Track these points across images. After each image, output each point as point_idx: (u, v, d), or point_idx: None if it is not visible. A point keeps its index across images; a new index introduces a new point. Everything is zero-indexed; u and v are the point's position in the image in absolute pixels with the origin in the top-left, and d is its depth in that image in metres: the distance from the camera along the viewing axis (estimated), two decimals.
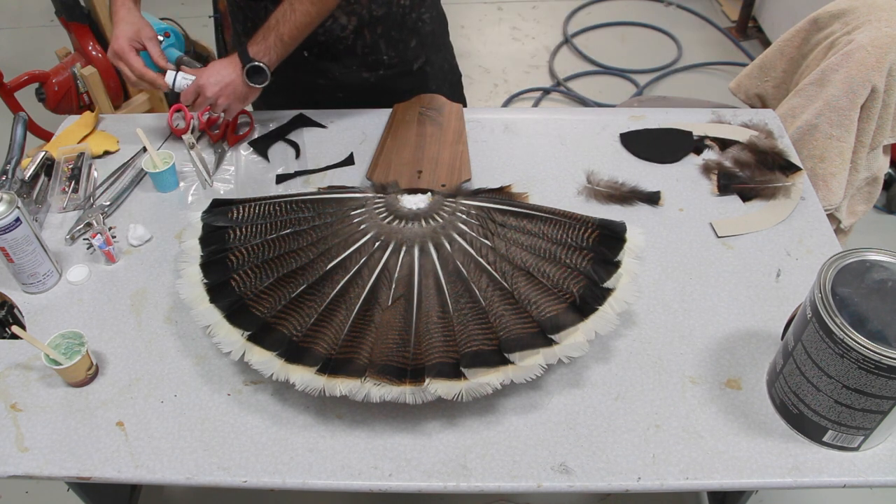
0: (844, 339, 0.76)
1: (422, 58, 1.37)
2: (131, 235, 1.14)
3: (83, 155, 1.27)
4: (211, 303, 0.94)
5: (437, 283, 0.96)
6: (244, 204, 1.06)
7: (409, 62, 1.36)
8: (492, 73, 2.89)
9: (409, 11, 1.31)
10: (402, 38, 1.33)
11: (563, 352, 0.87)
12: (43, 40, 3.09)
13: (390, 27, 1.30)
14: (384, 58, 1.33)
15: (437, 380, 0.85)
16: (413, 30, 1.33)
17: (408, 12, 1.31)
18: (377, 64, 1.34)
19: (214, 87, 1.17)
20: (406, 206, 1.07)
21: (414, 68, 1.37)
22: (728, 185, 1.21)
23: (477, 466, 0.87)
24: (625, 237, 0.99)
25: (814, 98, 1.43)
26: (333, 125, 1.36)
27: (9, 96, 2.17)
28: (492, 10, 3.25)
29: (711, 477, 0.85)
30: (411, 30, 1.33)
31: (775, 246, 1.12)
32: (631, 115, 1.36)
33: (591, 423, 0.90)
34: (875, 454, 0.87)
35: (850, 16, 1.45)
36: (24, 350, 0.99)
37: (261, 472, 0.87)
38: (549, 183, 1.23)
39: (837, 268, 0.82)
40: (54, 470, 0.87)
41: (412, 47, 1.35)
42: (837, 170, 1.42)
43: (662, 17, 3.14)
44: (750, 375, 0.95)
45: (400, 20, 1.31)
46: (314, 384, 0.86)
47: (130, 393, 0.95)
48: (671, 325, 1.01)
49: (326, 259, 0.98)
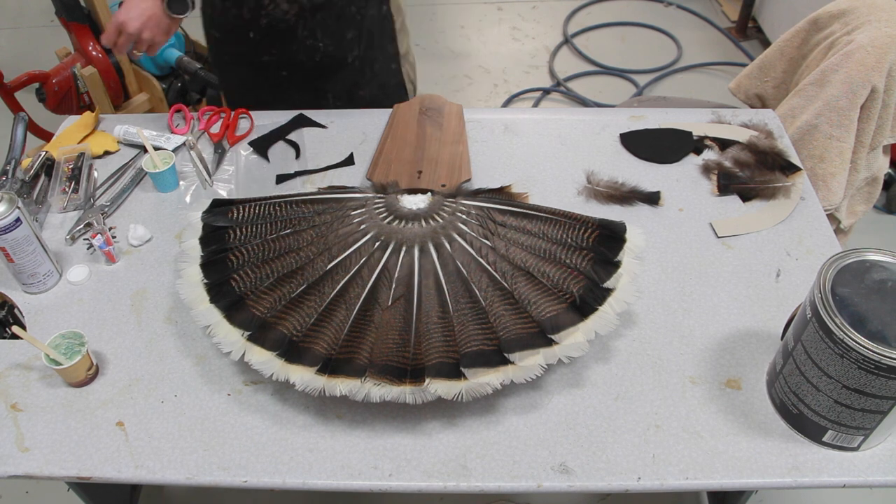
0: (844, 339, 0.76)
1: (356, 51, 1.39)
2: (131, 235, 1.14)
3: (83, 155, 1.27)
4: (211, 303, 0.94)
5: (437, 283, 0.96)
6: (244, 204, 1.06)
7: (344, 53, 1.39)
8: (492, 73, 2.89)
9: (349, 3, 1.34)
10: (338, 28, 1.35)
11: (563, 352, 0.87)
12: (43, 40, 3.09)
13: (327, 16, 1.33)
14: (320, 45, 1.36)
15: (437, 380, 0.85)
16: (351, 22, 1.36)
17: (347, 4, 1.34)
18: (313, 50, 1.37)
19: (136, 21, 1.15)
20: (406, 207, 1.07)
21: (349, 60, 1.40)
22: (728, 185, 1.21)
23: (477, 466, 0.87)
24: (625, 237, 0.99)
25: (814, 98, 1.43)
26: (333, 125, 1.36)
27: (9, 96, 2.17)
28: (492, 10, 3.25)
29: (711, 477, 0.85)
30: (349, 22, 1.35)
31: (775, 246, 1.12)
32: (631, 115, 1.36)
33: (591, 423, 0.90)
34: (875, 454, 0.87)
35: (849, 16, 1.45)
36: (25, 350, 0.99)
37: (261, 472, 0.87)
38: (549, 183, 1.23)
39: (837, 268, 0.82)
40: (54, 470, 0.87)
41: (347, 39, 1.37)
42: (837, 170, 1.42)
43: (662, 18, 3.14)
44: (750, 375, 0.95)
45: (339, 11, 1.33)
46: (314, 384, 0.86)
47: (130, 393, 0.95)
48: (671, 325, 1.01)
49: (326, 259, 0.98)
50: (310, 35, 1.34)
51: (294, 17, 1.32)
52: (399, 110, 1.34)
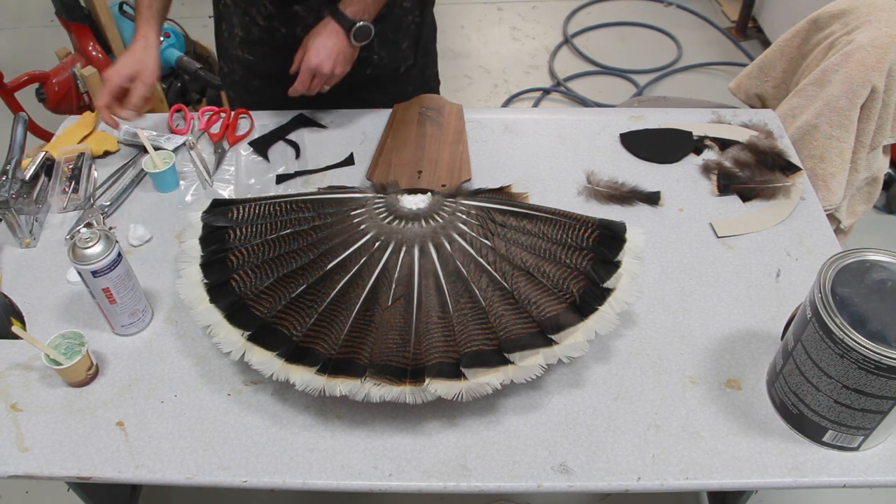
0: (844, 339, 0.76)
1: (409, 60, 1.37)
2: (131, 235, 1.14)
3: (83, 155, 1.28)
4: (211, 303, 0.94)
5: (437, 283, 0.96)
6: (244, 204, 1.06)
7: (398, 64, 1.36)
8: (492, 73, 2.89)
9: (407, 13, 1.31)
10: (396, 38, 1.33)
11: (563, 352, 0.87)
12: (43, 40, 3.09)
13: (387, 27, 1.30)
14: (374, 57, 1.32)
15: (437, 380, 0.85)
16: (407, 32, 1.34)
17: (406, 14, 1.31)
18: (367, 62, 1.32)
19: (328, 60, 1.14)
20: (406, 207, 1.07)
21: (401, 70, 1.37)
22: (728, 185, 1.21)
23: (477, 466, 0.87)
24: (625, 237, 0.99)
25: (814, 98, 1.43)
26: (333, 125, 1.36)
27: (9, 96, 2.17)
28: (492, 10, 3.25)
29: (711, 477, 0.85)
30: (406, 32, 1.33)
31: (775, 246, 1.12)
32: (631, 115, 1.36)
33: (591, 423, 0.90)
34: (875, 454, 0.87)
35: (850, 16, 1.45)
36: (25, 350, 0.99)
37: (261, 472, 0.87)
38: (549, 183, 1.23)
39: (837, 268, 0.82)
40: (54, 470, 0.87)
41: (403, 49, 1.35)
42: (837, 170, 1.42)
43: (662, 17, 3.14)
44: (750, 375, 0.95)
45: (397, 21, 1.31)
46: (314, 384, 0.86)
47: (130, 393, 0.95)
48: (671, 325, 1.01)
49: (326, 259, 0.98)
50: (364, 47, 1.26)
51: None
52: (399, 110, 1.34)
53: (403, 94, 1.39)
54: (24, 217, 1.14)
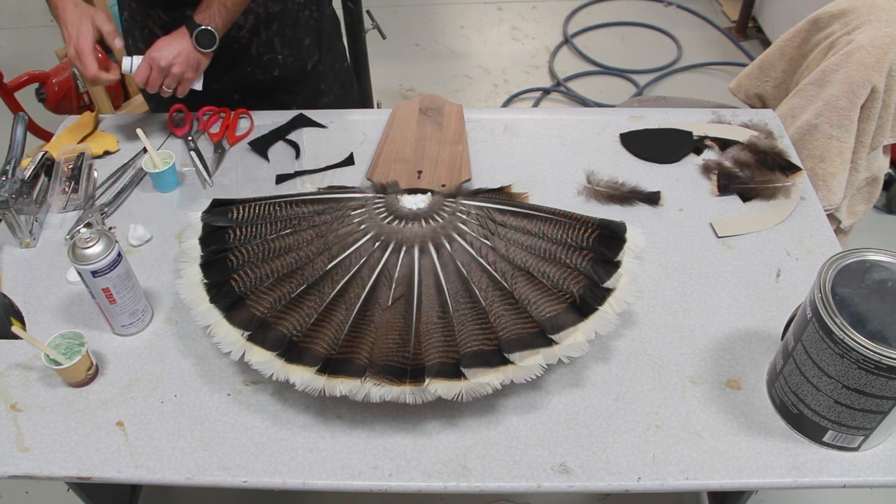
0: (844, 339, 0.76)
1: (315, 56, 1.39)
2: (131, 235, 1.14)
3: (83, 155, 1.27)
4: (211, 303, 0.94)
5: (437, 283, 0.96)
6: (244, 204, 1.06)
7: (303, 61, 1.38)
8: (492, 73, 2.89)
9: (303, 8, 1.33)
10: (296, 36, 1.34)
11: (563, 352, 0.87)
12: (43, 40, 3.09)
13: (285, 25, 1.32)
14: (279, 57, 1.35)
15: (437, 380, 0.85)
16: (307, 28, 1.35)
17: (301, 9, 1.33)
18: (272, 64, 1.35)
19: (167, 57, 1.17)
20: (406, 207, 1.07)
21: (308, 67, 1.39)
22: (728, 185, 1.21)
23: (477, 466, 0.87)
24: (625, 237, 0.99)
25: (814, 98, 1.43)
26: (333, 125, 1.36)
27: (9, 96, 2.16)
28: (492, 10, 3.25)
29: (711, 477, 0.85)
30: (305, 28, 1.35)
31: (775, 246, 1.12)
32: (631, 115, 1.36)
33: (591, 423, 0.90)
34: (875, 454, 0.87)
35: (850, 16, 1.45)
36: (24, 350, 0.99)
37: (261, 472, 0.87)
38: (549, 183, 1.23)
39: (837, 268, 0.82)
40: (54, 470, 0.87)
41: (306, 46, 1.37)
42: (837, 170, 1.42)
43: (662, 17, 3.14)
44: (750, 375, 0.95)
45: (294, 17, 1.32)
46: (314, 384, 0.86)
47: (130, 393, 0.95)
48: (671, 325, 1.01)
49: (326, 259, 0.98)
50: (266, 49, 1.32)
51: (248, 33, 1.29)
52: (399, 110, 1.34)
53: (317, 93, 1.43)
54: (23, 217, 1.14)
